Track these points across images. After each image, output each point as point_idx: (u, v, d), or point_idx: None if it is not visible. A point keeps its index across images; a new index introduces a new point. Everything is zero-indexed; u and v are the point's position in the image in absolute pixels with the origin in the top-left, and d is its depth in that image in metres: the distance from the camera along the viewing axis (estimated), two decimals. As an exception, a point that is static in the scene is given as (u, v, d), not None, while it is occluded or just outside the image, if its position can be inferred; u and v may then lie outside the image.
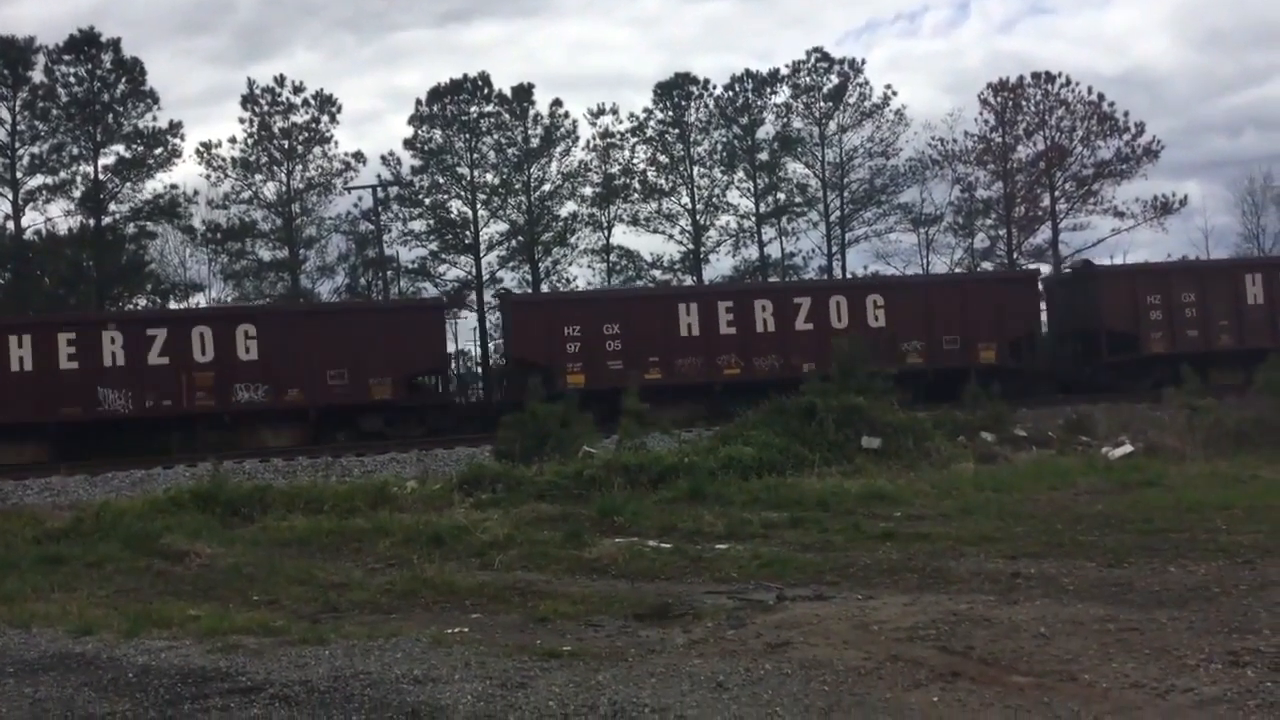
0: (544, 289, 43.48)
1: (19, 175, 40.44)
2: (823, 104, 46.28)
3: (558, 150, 45.17)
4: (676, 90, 45.98)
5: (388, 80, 79.07)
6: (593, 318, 27.88)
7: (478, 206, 44.97)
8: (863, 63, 46.60)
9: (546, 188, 45.25)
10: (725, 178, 46.18)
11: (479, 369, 43.32)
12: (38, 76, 40.45)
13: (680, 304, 28.68)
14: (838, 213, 46.65)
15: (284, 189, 43.71)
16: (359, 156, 44.14)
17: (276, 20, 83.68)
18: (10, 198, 40.34)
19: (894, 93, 46.28)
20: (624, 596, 8.75)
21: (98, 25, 42.68)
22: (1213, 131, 78.94)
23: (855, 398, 17.96)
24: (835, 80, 46.32)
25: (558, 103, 44.98)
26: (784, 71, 46.50)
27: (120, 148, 41.46)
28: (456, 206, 45.37)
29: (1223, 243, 70.89)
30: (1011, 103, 46.35)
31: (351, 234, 44.76)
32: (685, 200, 45.95)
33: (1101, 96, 45.99)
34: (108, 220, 41.62)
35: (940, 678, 6.03)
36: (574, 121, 45.29)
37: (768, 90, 46.43)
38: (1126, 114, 45.99)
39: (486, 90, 44.81)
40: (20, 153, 40.47)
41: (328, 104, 43.91)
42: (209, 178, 43.17)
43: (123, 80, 41.44)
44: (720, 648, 6.93)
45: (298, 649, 7.24)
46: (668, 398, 26.04)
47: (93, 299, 39.13)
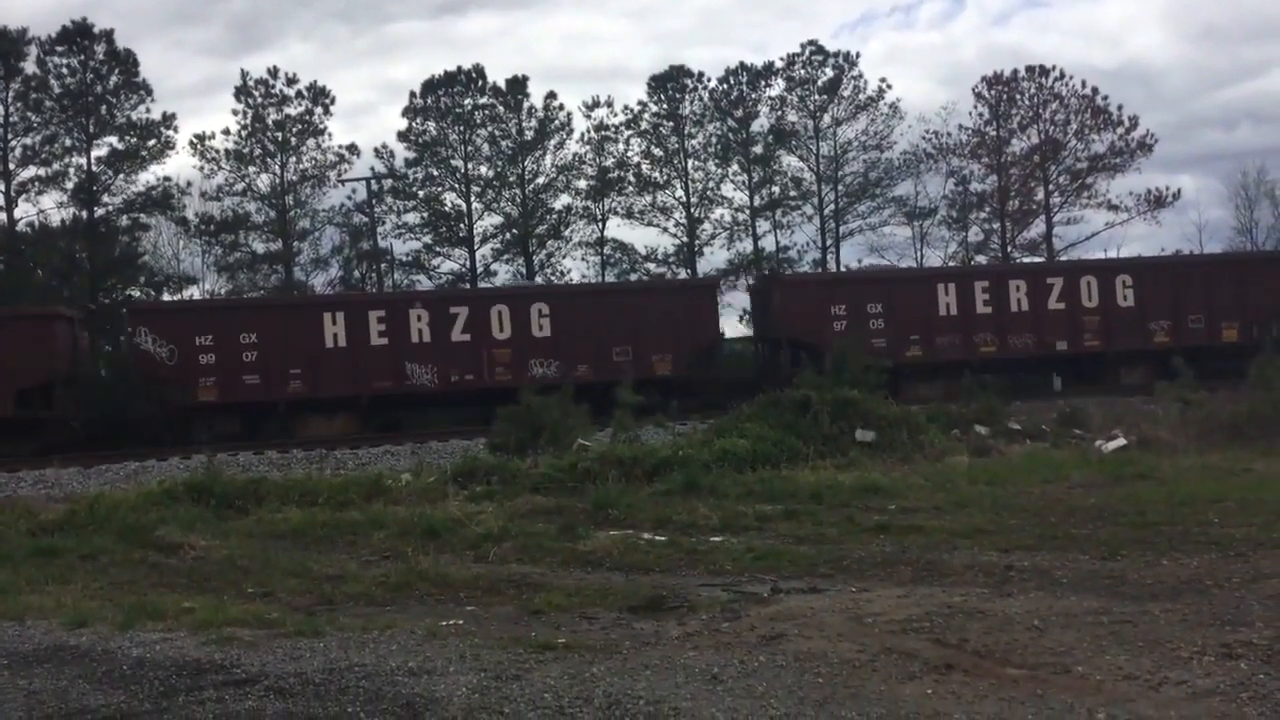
0: (538, 281, 43.45)
1: (11, 167, 40.27)
2: (817, 97, 46.23)
3: (552, 143, 45.12)
4: (671, 83, 45.91)
5: (382, 72, 78.95)
6: (858, 297, 29.39)
7: (472, 199, 44.93)
8: (857, 56, 46.59)
9: (541, 180, 45.20)
10: (720, 171, 46.15)
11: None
12: (30, 68, 40.25)
13: (939, 284, 30.09)
14: (832, 206, 46.65)
15: (278, 181, 43.58)
16: (353, 149, 44.03)
17: (269, 11, 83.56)
18: (2, 189, 40.15)
19: (888, 86, 46.26)
20: (619, 589, 8.75)
21: (90, 16, 42.66)
22: (1207, 125, 79.18)
23: (849, 391, 17.99)
24: (830, 73, 46.28)
25: (552, 95, 44.95)
26: (778, 64, 46.46)
27: (113, 139, 41.29)
28: (450, 199, 45.34)
29: (1217, 236, 71.16)
30: (1005, 96, 46.39)
31: (345, 226, 44.68)
32: (680, 193, 45.93)
33: (1095, 90, 46.07)
34: (101, 212, 41.43)
35: (934, 670, 6.04)
36: (568, 114, 45.26)
37: (762, 83, 46.38)
38: (1120, 108, 46.09)
39: (480, 82, 44.73)
40: (12, 144, 40.31)
41: (321, 96, 43.77)
42: (202, 170, 43.04)
43: (115, 72, 41.26)
44: (715, 640, 6.94)
45: (292, 641, 7.24)
46: (925, 376, 27.53)
47: (85, 291, 38.99)
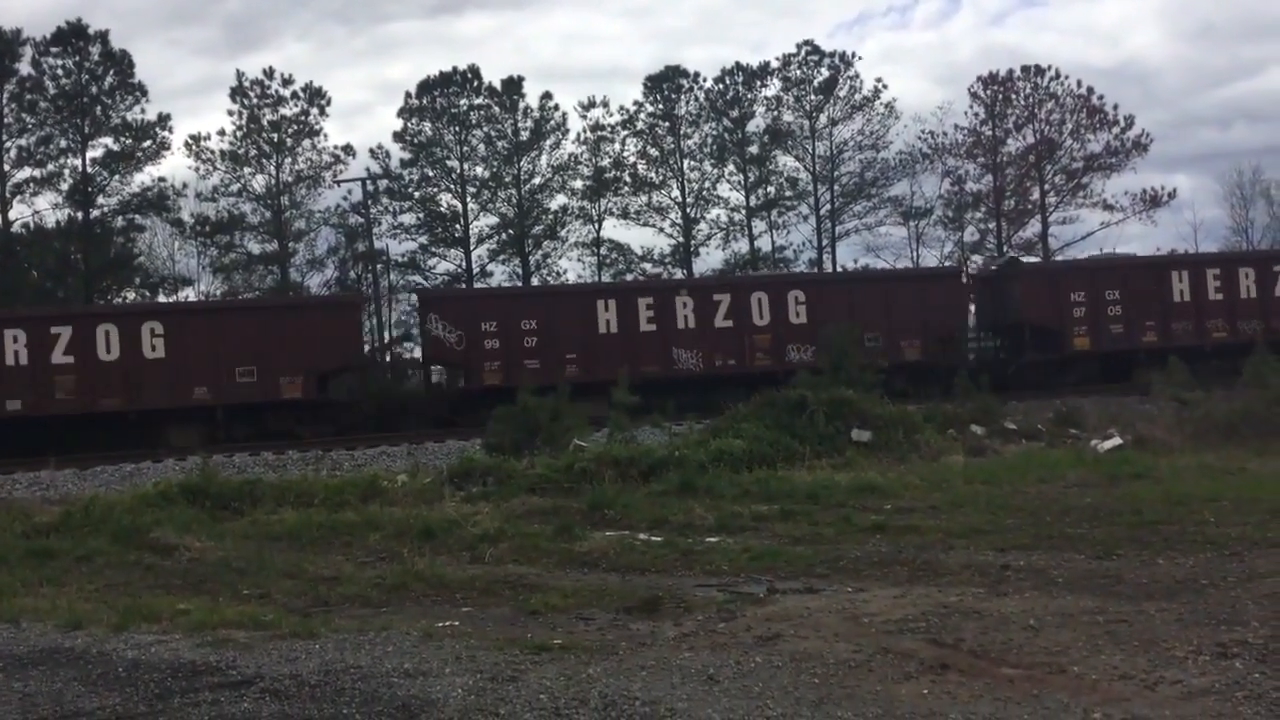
0: (534, 282, 43.46)
1: (6, 168, 40.30)
2: (813, 97, 46.35)
3: (548, 143, 45.22)
4: (667, 83, 45.99)
5: (378, 72, 79.00)
6: (1095, 284, 30.39)
7: (468, 200, 44.94)
8: (853, 56, 46.73)
9: (536, 181, 45.26)
10: (715, 171, 46.27)
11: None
12: (25, 69, 40.31)
13: (1174, 271, 31.46)
14: (828, 206, 46.76)
15: (273, 182, 43.59)
16: (348, 149, 44.09)
17: (266, 11, 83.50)
18: (-2, 190, 40.23)
19: (884, 86, 46.43)
20: (615, 590, 8.74)
21: (85, 15, 42.85)
22: (1203, 124, 79.35)
23: (845, 391, 17.98)
24: (826, 73, 46.41)
25: (548, 95, 45.05)
26: (774, 64, 46.59)
27: (108, 140, 41.33)
28: (446, 200, 45.38)
29: (1212, 236, 71.24)
30: (1001, 96, 46.50)
31: (341, 227, 44.70)
32: (675, 193, 46.02)
33: (1091, 90, 46.23)
34: (96, 213, 41.44)
35: (930, 670, 6.04)
36: (564, 114, 45.37)
37: (758, 83, 46.50)
38: (1116, 107, 46.26)
39: (476, 83, 44.80)
40: (8, 145, 40.34)
41: (317, 96, 43.81)
42: (198, 170, 43.09)
43: (111, 73, 41.28)
44: (711, 640, 6.94)
45: (288, 643, 7.22)
46: (1158, 360, 27.89)
47: (81, 292, 38.96)
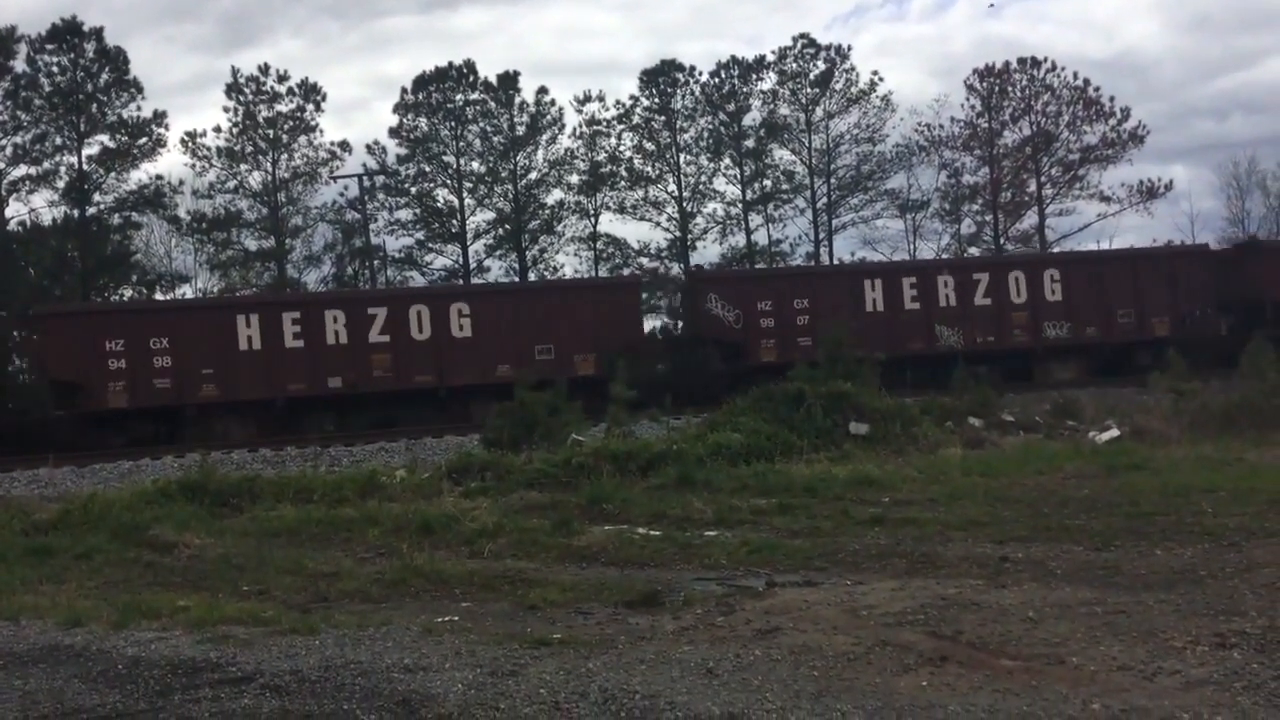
0: (531, 277, 43.47)
1: (2, 166, 40.16)
2: (809, 90, 46.28)
3: (544, 138, 45.12)
4: (662, 77, 45.91)
5: (373, 67, 78.89)
6: None
7: (464, 195, 44.90)
8: (849, 49, 46.67)
9: (533, 176, 45.21)
10: (712, 165, 46.19)
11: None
12: (20, 66, 40.15)
13: None
14: (824, 199, 46.72)
15: (269, 178, 43.54)
16: (344, 145, 44.03)
17: (260, 7, 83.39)
18: (-7, 188, 40.13)
19: (880, 79, 46.39)
20: (613, 584, 8.75)
21: (80, 11, 42.86)
22: (1200, 115, 79.35)
23: (843, 384, 17.99)
24: (821, 66, 46.34)
25: (543, 90, 44.97)
26: (770, 58, 46.52)
27: (104, 137, 41.18)
28: (443, 195, 45.33)
29: (1209, 227, 71.26)
30: (997, 88, 46.47)
31: (338, 223, 44.64)
32: (672, 187, 45.96)
33: (1087, 82, 46.21)
34: (92, 211, 41.34)
35: (929, 662, 6.06)
36: (560, 109, 45.29)
37: (754, 77, 46.42)
38: (1112, 99, 46.25)
39: (472, 78, 44.71)
40: (3, 143, 40.18)
41: (313, 93, 43.74)
42: (194, 167, 43.01)
43: (106, 70, 41.15)
44: (710, 634, 6.95)
45: (288, 639, 7.23)
46: None
47: (78, 291, 38.90)
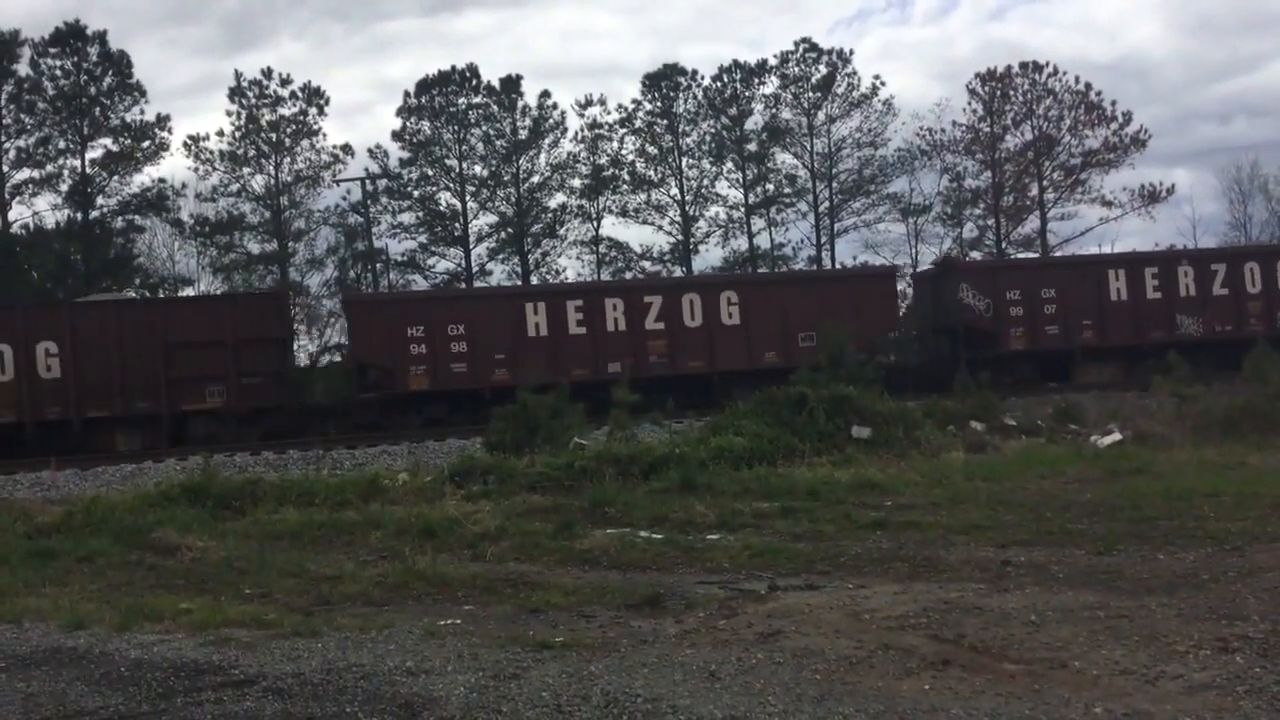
0: (534, 281, 43.51)
1: (5, 169, 40.33)
2: (811, 94, 46.34)
3: (546, 142, 45.23)
4: (665, 81, 46.00)
5: (376, 71, 78.93)
6: None
7: (467, 199, 44.95)
8: (851, 53, 46.73)
9: (535, 179, 45.28)
10: (714, 169, 46.27)
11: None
12: (24, 69, 40.33)
13: None
14: (826, 203, 46.77)
15: (272, 182, 43.63)
16: (347, 149, 44.14)
17: (262, 9, 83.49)
18: (-3, 191, 40.23)
19: (882, 83, 46.44)
20: (616, 587, 8.75)
21: (82, 16, 43.00)
22: (1203, 119, 79.33)
23: (845, 387, 17.98)
24: (824, 70, 46.39)
25: (546, 94, 45.06)
26: (772, 62, 46.59)
27: (107, 141, 41.39)
28: (445, 199, 45.40)
29: (1210, 231, 71.22)
30: (999, 92, 46.51)
31: (340, 227, 44.73)
32: (674, 191, 46.03)
33: (1089, 86, 46.29)
34: (95, 214, 41.46)
35: (931, 666, 6.05)
36: (562, 113, 45.40)
37: (756, 81, 46.52)
38: (1114, 103, 46.33)
39: (475, 82, 44.80)
40: (6, 146, 40.40)
41: (316, 96, 43.86)
42: (197, 171, 43.12)
43: (109, 73, 41.29)
44: (712, 638, 6.95)
45: (290, 642, 7.24)
46: None
47: (80, 294, 38.93)
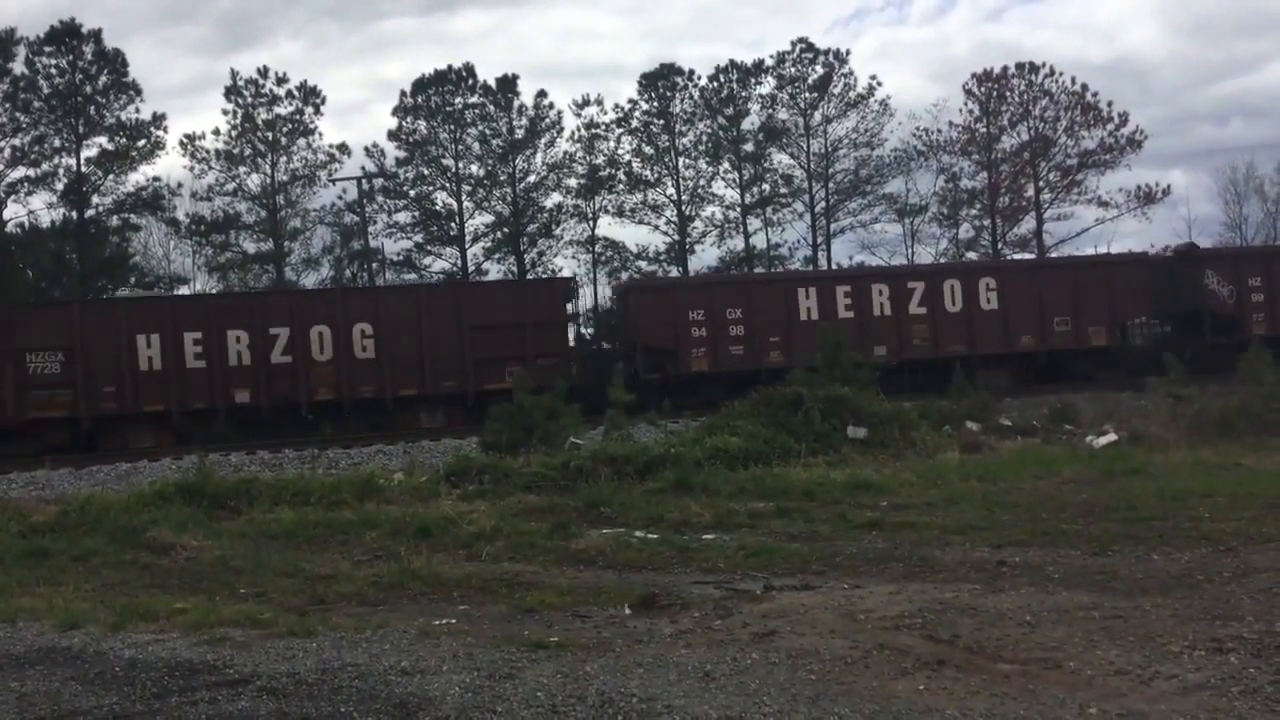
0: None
1: (1, 167, 40.24)
2: (808, 94, 46.35)
3: (542, 141, 45.20)
4: (661, 81, 46.00)
5: (373, 70, 78.93)
6: None
7: (463, 198, 44.93)
8: (847, 53, 46.85)
9: (531, 179, 45.27)
10: (710, 169, 46.27)
11: None
12: (19, 68, 40.27)
13: None
14: (823, 203, 46.79)
15: (268, 181, 43.57)
16: (343, 148, 44.13)
17: (259, 9, 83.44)
18: (-9, 190, 40.16)
19: (879, 83, 46.48)
20: (611, 587, 8.75)
21: (78, 14, 42.93)
22: (1200, 120, 79.52)
23: (841, 388, 17.99)
24: (820, 71, 46.42)
25: (542, 94, 45.05)
26: (769, 62, 46.63)
27: (103, 140, 41.33)
28: (441, 198, 45.37)
29: (1206, 231, 71.38)
30: (996, 93, 46.56)
31: (336, 226, 44.71)
32: (670, 191, 46.04)
33: (1085, 87, 46.34)
34: (90, 213, 41.41)
35: (926, 666, 6.06)
36: (559, 113, 45.37)
37: (753, 81, 46.51)
38: (1110, 104, 46.38)
39: (471, 81, 44.78)
40: (1, 145, 40.31)
41: (312, 95, 43.83)
42: (192, 170, 43.08)
43: (104, 72, 41.25)
44: (707, 638, 6.95)
45: (285, 641, 7.23)
46: None
47: (76, 292, 38.91)
